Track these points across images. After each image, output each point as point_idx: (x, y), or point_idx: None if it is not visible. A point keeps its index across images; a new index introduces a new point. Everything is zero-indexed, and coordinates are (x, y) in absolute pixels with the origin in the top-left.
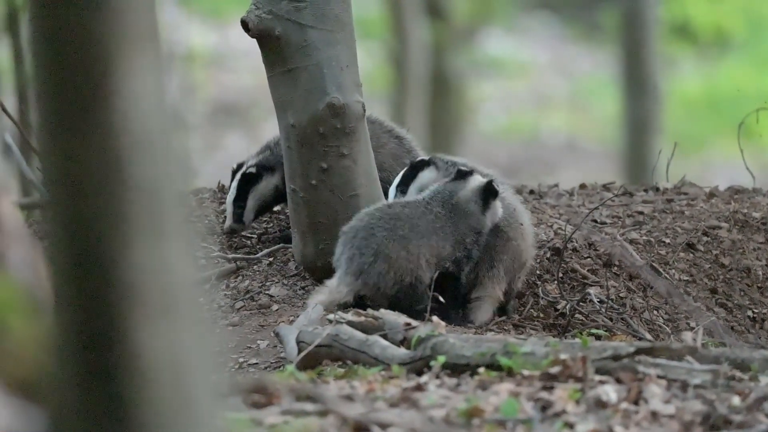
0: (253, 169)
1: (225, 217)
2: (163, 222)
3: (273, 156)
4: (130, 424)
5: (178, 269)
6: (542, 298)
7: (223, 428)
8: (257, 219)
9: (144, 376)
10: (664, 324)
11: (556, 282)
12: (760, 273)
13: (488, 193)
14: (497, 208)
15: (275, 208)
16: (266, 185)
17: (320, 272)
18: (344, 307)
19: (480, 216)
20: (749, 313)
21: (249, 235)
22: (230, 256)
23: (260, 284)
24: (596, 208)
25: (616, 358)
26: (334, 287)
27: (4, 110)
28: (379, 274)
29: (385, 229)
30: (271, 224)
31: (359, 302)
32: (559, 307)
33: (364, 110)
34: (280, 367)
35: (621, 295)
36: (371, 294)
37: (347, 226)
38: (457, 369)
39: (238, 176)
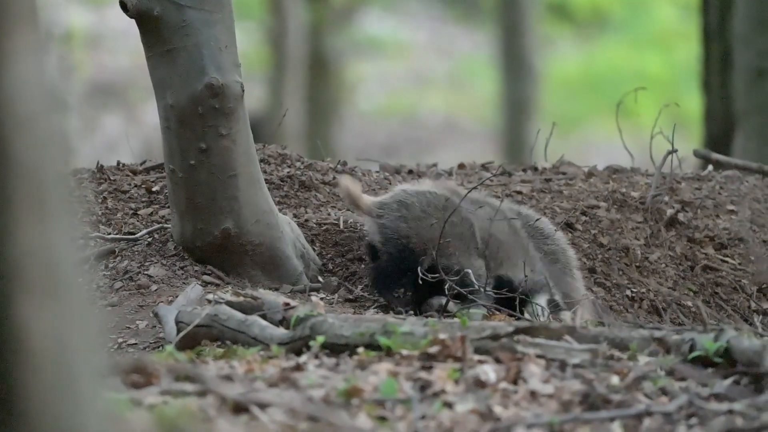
0: None
1: None
2: (45, 202)
3: None
4: (13, 404)
5: (61, 249)
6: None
7: (105, 409)
8: None
9: (28, 356)
10: None
11: (435, 262)
12: (639, 252)
13: None
14: None
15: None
16: None
17: (198, 252)
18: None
19: None
20: (627, 292)
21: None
22: (109, 236)
23: (139, 264)
24: (475, 188)
25: (495, 337)
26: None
27: None
28: (397, 218)
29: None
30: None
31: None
32: None
33: (243, 90)
34: (159, 347)
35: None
36: (384, 237)
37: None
38: (336, 349)
39: None
